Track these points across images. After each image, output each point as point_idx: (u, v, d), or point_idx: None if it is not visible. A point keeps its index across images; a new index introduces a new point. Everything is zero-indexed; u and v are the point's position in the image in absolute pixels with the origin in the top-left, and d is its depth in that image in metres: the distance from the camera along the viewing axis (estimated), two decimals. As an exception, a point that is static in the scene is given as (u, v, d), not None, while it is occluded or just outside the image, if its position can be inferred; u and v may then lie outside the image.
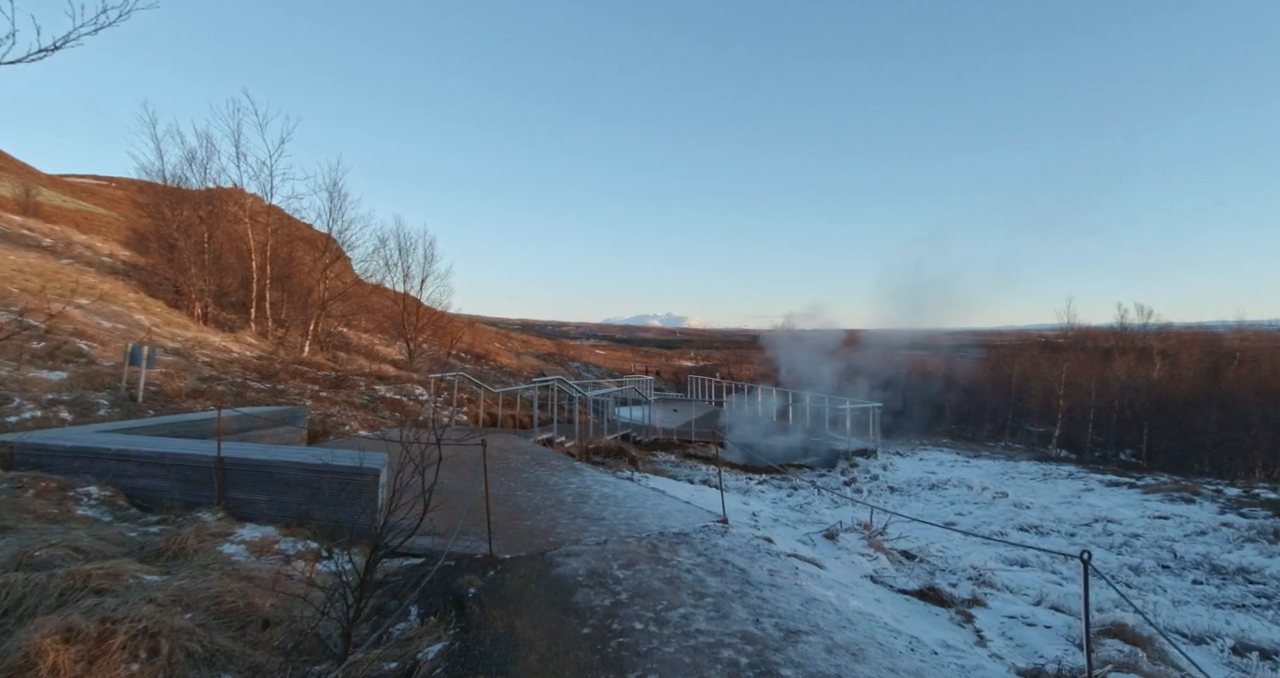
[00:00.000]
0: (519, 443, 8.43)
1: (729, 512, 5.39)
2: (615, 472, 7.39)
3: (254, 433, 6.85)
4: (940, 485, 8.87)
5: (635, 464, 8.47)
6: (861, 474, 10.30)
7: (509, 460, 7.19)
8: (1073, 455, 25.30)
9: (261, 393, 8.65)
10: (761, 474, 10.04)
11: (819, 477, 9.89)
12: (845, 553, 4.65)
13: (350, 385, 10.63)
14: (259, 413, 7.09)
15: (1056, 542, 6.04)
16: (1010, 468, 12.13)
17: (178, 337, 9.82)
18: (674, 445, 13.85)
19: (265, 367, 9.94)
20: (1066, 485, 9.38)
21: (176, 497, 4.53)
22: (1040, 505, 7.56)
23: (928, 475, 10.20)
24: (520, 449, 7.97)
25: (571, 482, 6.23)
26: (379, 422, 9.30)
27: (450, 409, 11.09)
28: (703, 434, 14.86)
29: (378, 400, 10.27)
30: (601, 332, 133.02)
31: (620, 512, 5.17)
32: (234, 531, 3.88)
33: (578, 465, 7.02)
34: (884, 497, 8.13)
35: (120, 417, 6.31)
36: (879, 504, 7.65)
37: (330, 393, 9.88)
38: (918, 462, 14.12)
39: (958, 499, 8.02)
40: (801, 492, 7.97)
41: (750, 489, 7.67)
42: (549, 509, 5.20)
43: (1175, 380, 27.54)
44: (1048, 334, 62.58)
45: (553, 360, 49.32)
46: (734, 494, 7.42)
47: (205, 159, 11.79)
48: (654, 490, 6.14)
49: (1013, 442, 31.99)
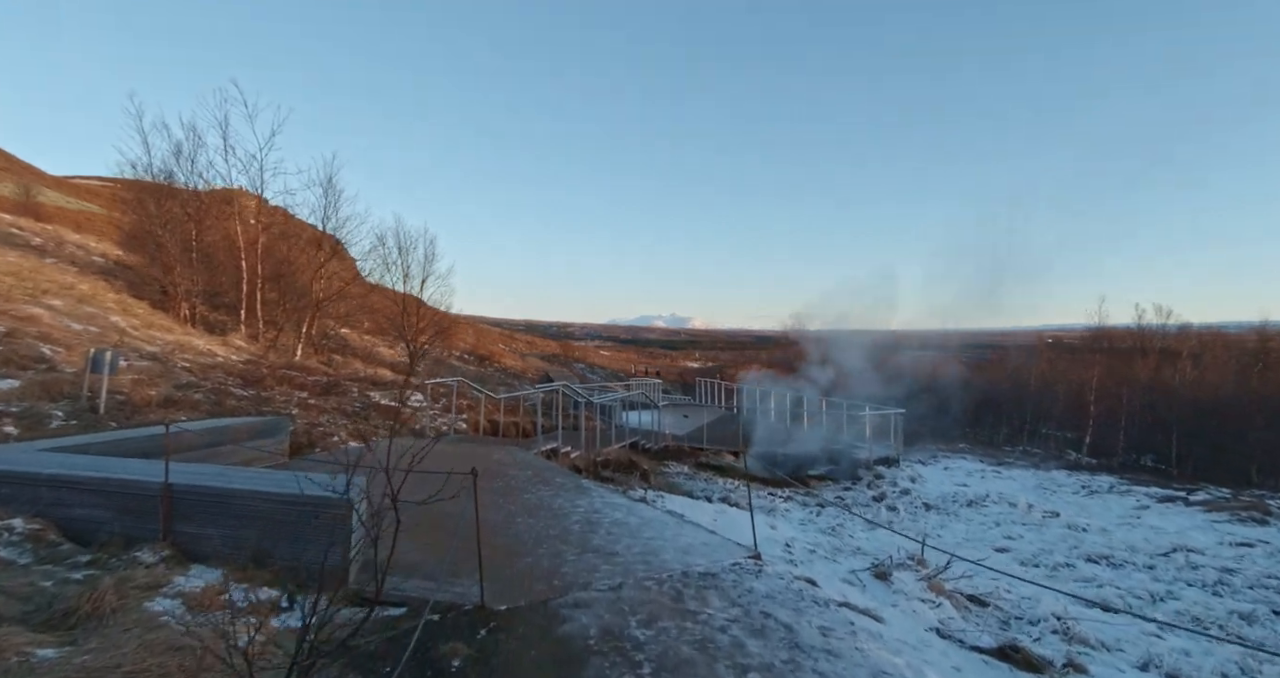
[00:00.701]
0: (520, 456, 7.75)
1: (759, 540, 4.70)
2: (626, 490, 6.70)
3: (227, 448, 6.20)
4: (979, 502, 8.15)
5: (647, 479, 7.78)
6: (889, 487, 9.58)
7: (509, 478, 6.51)
8: (1092, 460, 24.44)
9: (243, 401, 8.01)
10: (783, 488, 9.33)
11: (845, 491, 9.18)
12: (903, 598, 3.96)
13: (342, 392, 9.98)
14: (234, 425, 6.44)
15: (1137, 578, 5.31)
16: (1044, 479, 11.38)
17: (157, 340, 9.20)
18: (685, 454, 13.14)
19: (251, 372, 9.30)
20: (1117, 503, 8.64)
21: (117, 530, 3.87)
22: (1098, 527, 6.84)
23: (960, 489, 9.48)
24: (522, 463, 7.29)
25: (579, 504, 5.54)
26: (371, 431, 8.64)
27: (449, 416, 10.43)
28: (716, 441, 14.16)
29: (371, 408, 9.62)
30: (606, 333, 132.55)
31: (635, 544, 4.48)
32: (173, 578, 3.21)
33: (585, 484, 6.33)
34: (920, 516, 7.43)
35: (76, 430, 5.67)
36: (916, 526, 6.93)
37: (320, 400, 9.23)
38: (943, 471, 13.37)
39: (1003, 519, 7.29)
40: (830, 511, 7.26)
41: (775, 508, 6.97)
42: (553, 541, 4.51)
43: (1200, 383, 26.63)
44: (1058, 335, 61.60)
45: (557, 362, 48.72)
46: (759, 515, 6.72)
47: (193, 152, 11.21)
48: (672, 515, 5.44)
49: (1030, 446, 31.14)
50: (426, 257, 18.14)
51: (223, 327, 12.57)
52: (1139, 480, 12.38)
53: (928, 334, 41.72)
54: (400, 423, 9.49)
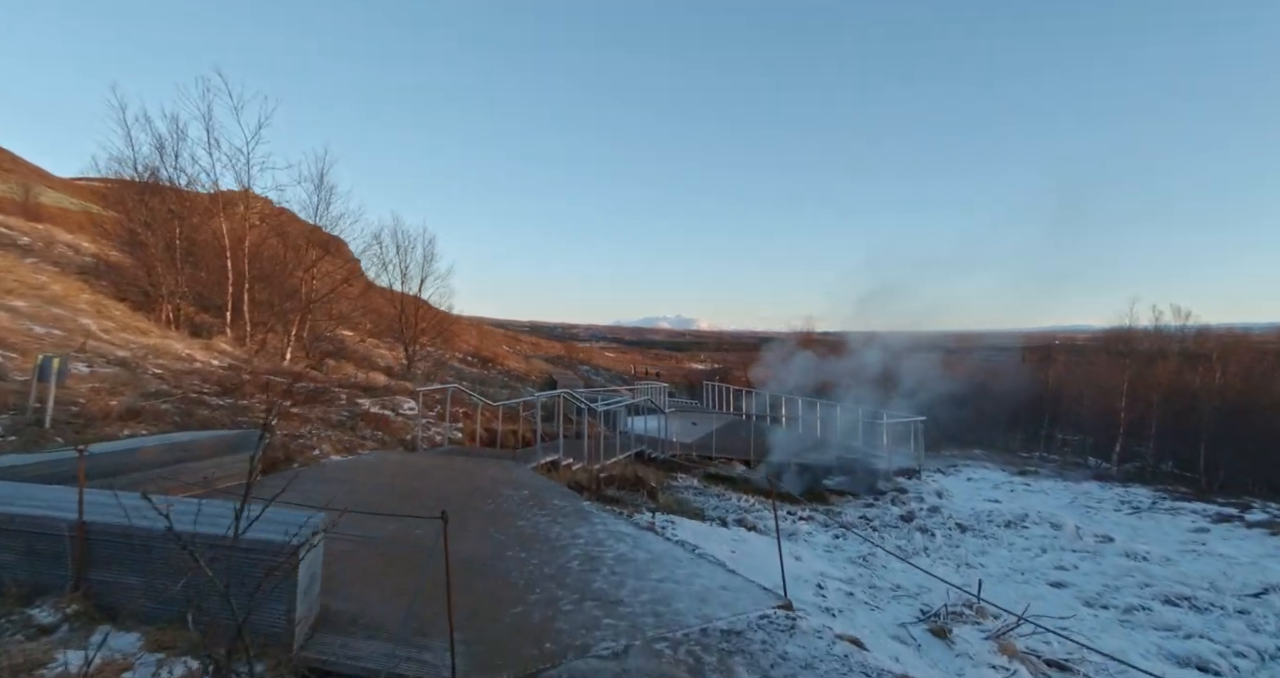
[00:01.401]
0: (516, 472, 7.09)
1: (787, 579, 4.02)
2: (632, 514, 6.02)
3: (188, 467, 5.57)
4: (1017, 523, 7.45)
5: (654, 497, 7.11)
6: (916, 504, 8.87)
7: (502, 499, 5.85)
8: (1107, 465, 23.57)
9: (217, 411, 7.39)
10: (801, 505, 8.64)
11: (868, 507, 8.48)
12: (969, 664, 3.28)
13: (329, 399, 9.36)
14: (198, 440, 5.82)
15: (1232, 627, 4.61)
16: (1078, 493, 10.65)
17: (130, 344, 8.61)
18: (694, 464, 12.46)
19: (230, 378, 8.69)
20: (1170, 524, 7.92)
21: (22, 577, 3.23)
22: (1160, 556, 6.13)
23: (993, 507, 8.78)
24: (517, 481, 6.63)
25: (579, 534, 4.87)
26: (357, 443, 8.01)
27: (444, 425, 9.78)
28: (725, 450, 13.46)
29: (359, 417, 8.98)
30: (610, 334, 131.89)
31: (643, 588, 3.81)
32: (56, 654, 2.56)
33: (586, 507, 5.66)
34: (955, 539, 6.73)
35: (16, 447, 5.06)
36: (954, 552, 6.22)
37: (303, 409, 8.61)
38: (966, 483, 12.63)
39: (1050, 544, 6.59)
40: (857, 533, 6.58)
41: (795, 532, 6.30)
42: (547, 584, 3.85)
43: (1225, 387, 25.73)
44: (1066, 336, 60.43)
45: (561, 364, 48.09)
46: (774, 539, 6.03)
47: (175, 146, 10.64)
48: (684, 548, 4.77)
49: (1047, 453, 30.27)
50: (425, 257, 17.59)
51: (210, 330, 11.99)
52: (1177, 493, 11.60)
53: (933, 336, 40.85)
54: (390, 434, 8.85)
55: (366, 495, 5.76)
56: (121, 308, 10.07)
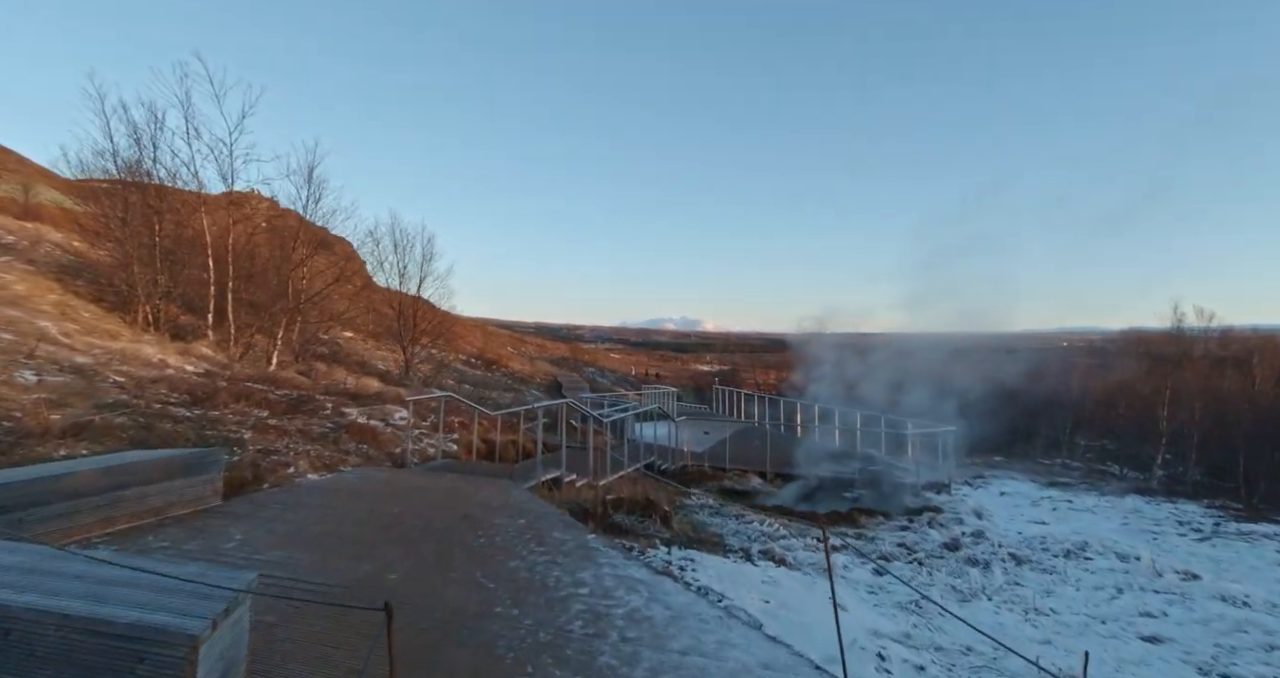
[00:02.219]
0: (513, 494, 6.31)
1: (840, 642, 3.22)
2: (645, 548, 5.23)
3: (133, 493, 4.82)
4: (1078, 552, 6.61)
5: (668, 522, 6.31)
6: (955, 525, 8.03)
7: (494, 531, 5.08)
8: (1136, 475, 22.60)
9: (182, 424, 6.66)
10: (827, 526, 7.81)
11: (903, 530, 7.66)
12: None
13: (312, 409, 8.62)
14: (147, 461, 5.06)
15: None
16: (1127, 512, 9.78)
17: (94, 349, 7.92)
18: (707, 477, 11.66)
19: (203, 386, 7.97)
20: (1250, 553, 7.05)
21: None
22: (1263, 601, 5.29)
23: (1041, 529, 7.95)
24: (514, 506, 5.85)
25: (582, 580, 4.09)
26: (339, 458, 7.26)
27: (437, 437, 9.02)
28: (740, 461, 12.65)
29: (344, 428, 8.24)
30: (616, 335, 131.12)
31: (664, 665, 3.01)
32: None
33: (590, 542, 4.87)
34: (1012, 573, 5.91)
35: (-74, 473, 4.31)
36: (1017, 592, 5.39)
37: (282, 420, 7.87)
38: (1000, 498, 11.77)
39: (1125, 582, 5.75)
40: (898, 566, 5.80)
41: (832, 566, 5.49)
42: (542, 658, 3.06)
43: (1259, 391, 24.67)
44: (1076, 338, 59.15)
45: (566, 366, 47.36)
46: (812, 575, 5.23)
47: (154, 134, 9.95)
48: (709, 600, 3.98)
49: (1069, 459, 29.22)
50: (424, 256, 16.90)
51: (194, 333, 11.30)
52: (1231, 511, 10.68)
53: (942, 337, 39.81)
54: (377, 447, 8.09)
55: (338, 525, 5.00)
56: (93, 309, 9.40)
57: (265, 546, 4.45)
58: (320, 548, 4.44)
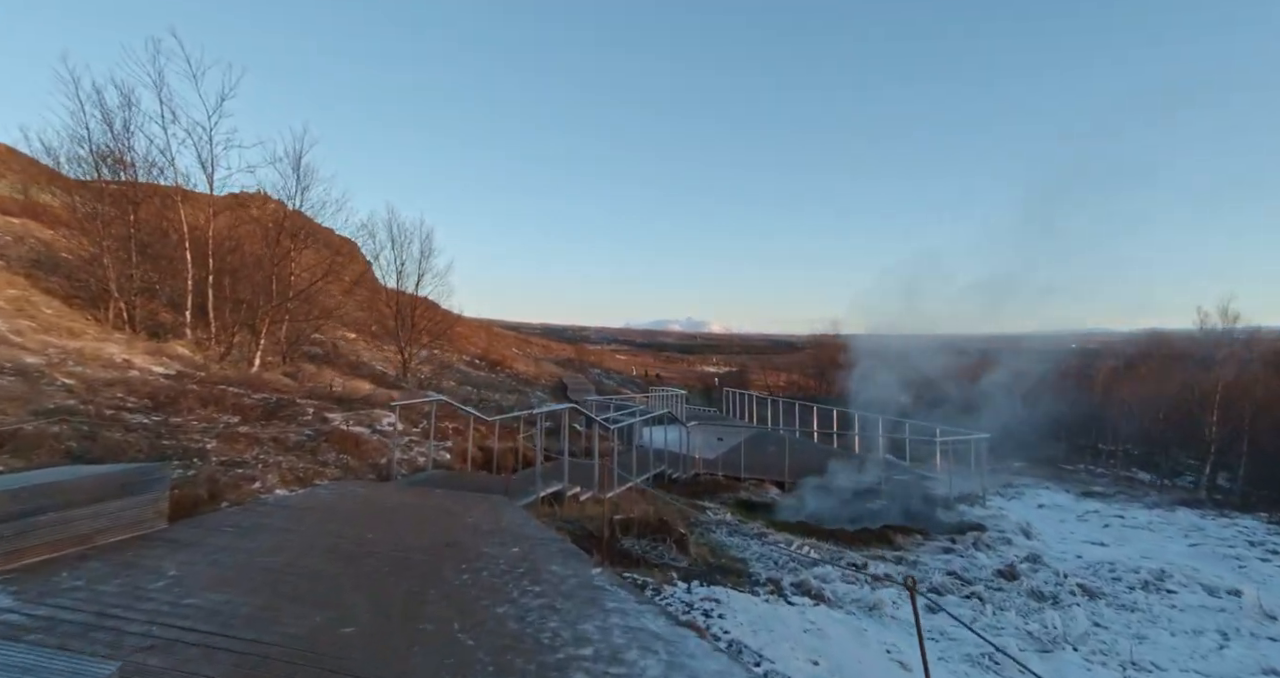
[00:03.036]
0: (508, 515, 5.51)
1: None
2: (660, 585, 4.42)
3: (57, 517, 4.05)
4: (1156, 584, 5.76)
5: (684, 547, 5.50)
6: (1001, 544, 7.18)
7: (482, 562, 4.28)
8: (1168, 481, 21.61)
9: (136, 433, 5.91)
10: (859, 547, 6.99)
11: (946, 553, 6.82)
12: None
13: (291, 414, 7.86)
14: (75, 480, 4.29)
15: None
16: (1188, 528, 8.89)
17: (50, 348, 7.21)
18: (722, 487, 10.85)
19: (169, 390, 7.22)
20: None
21: None
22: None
23: (1101, 551, 7.10)
24: (507, 529, 5.06)
25: (586, 635, 3.28)
26: (315, 471, 6.48)
27: (429, 444, 8.24)
28: (756, 469, 11.82)
29: (325, 435, 7.47)
30: (622, 336, 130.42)
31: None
32: None
33: (595, 578, 4.07)
34: (1086, 608, 5.07)
35: None
36: (1103, 636, 4.54)
37: (255, 427, 7.11)
38: (1038, 511, 10.88)
39: (1227, 624, 4.89)
40: (955, 603, 4.97)
41: (879, 604, 4.64)
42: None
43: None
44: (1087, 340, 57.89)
45: (571, 367, 46.68)
46: (859, 619, 4.40)
47: (127, 117, 9.24)
48: (746, 665, 3.17)
49: (1093, 466, 28.21)
50: (423, 252, 16.17)
51: (176, 331, 10.58)
52: None
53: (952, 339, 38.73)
54: (360, 457, 7.31)
55: (298, 556, 4.22)
56: (57, 306, 8.70)
57: (201, 585, 3.67)
58: (268, 589, 3.66)
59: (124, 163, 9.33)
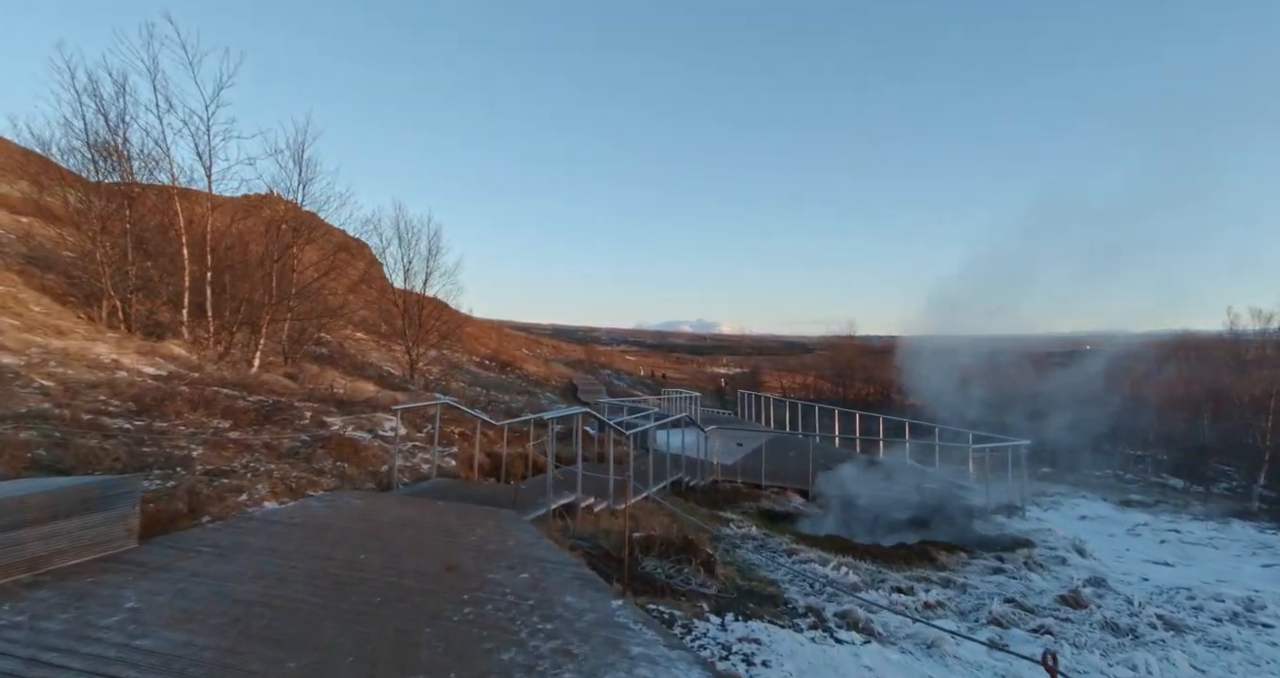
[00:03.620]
0: (516, 533, 4.98)
1: None
2: (689, 620, 3.86)
3: (5, 537, 3.57)
4: (1246, 615, 5.12)
5: (712, 569, 4.94)
6: (1054, 564, 6.56)
7: (485, 592, 3.75)
8: (1189, 486, 20.75)
9: (114, 440, 5.45)
10: (899, 566, 6.38)
11: (997, 572, 6.19)
12: None
13: (287, 418, 7.39)
14: (24, 494, 3.81)
15: None
16: (1253, 544, 8.19)
17: (32, 347, 6.80)
18: (742, 495, 10.26)
19: (157, 392, 6.78)
20: None
21: None
22: None
23: (1168, 573, 6.45)
24: (515, 550, 4.53)
25: (607, 693, 2.72)
26: (309, 480, 5.99)
27: (433, 450, 7.73)
28: (777, 476, 11.23)
29: (322, 441, 6.99)
30: (632, 337, 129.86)
31: None
32: None
33: (615, 614, 3.52)
34: (1172, 645, 4.46)
35: None
36: None
37: (247, 432, 6.64)
38: (1081, 523, 10.20)
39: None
40: (1022, 637, 4.36)
41: (939, 643, 4.06)
42: None
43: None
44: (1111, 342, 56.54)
45: (582, 368, 46.24)
46: (919, 660, 3.81)
47: (123, 107, 8.85)
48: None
49: (1121, 471, 27.24)
50: (430, 250, 15.74)
51: (176, 330, 10.18)
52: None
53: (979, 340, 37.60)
54: (358, 465, 6.82)
55: (277, 584, 3.71)
56: (46, 303, 8.33)
57: (161, 621, 3.17)
58: (237, 627, 3.14)
59: (119, 154, 8.95)
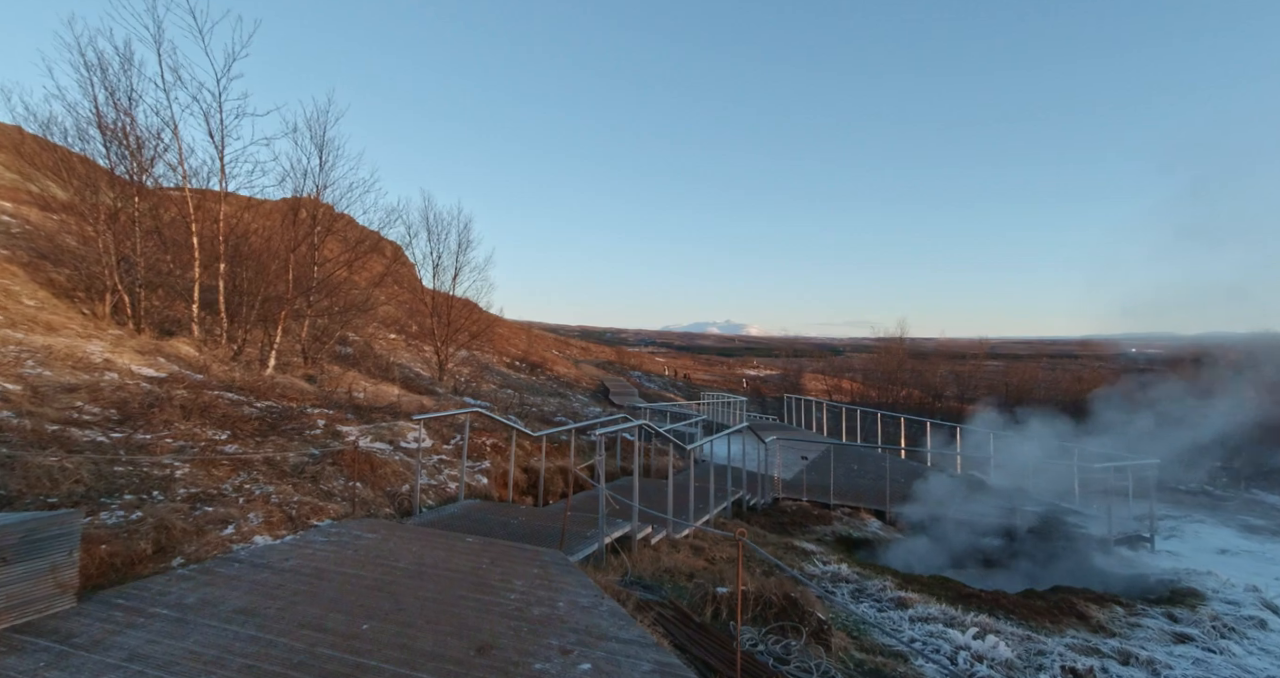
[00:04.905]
0: (563, 589, 3.81)
1: None
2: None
3: None
4: None
5: (826, 642, 3.69)
6: (1254, 628, 5.10)
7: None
8: None
9: (81, 454, 4.47)
10: (1037, 622, 5.02)
11: (1181, 641, 4.77)
12: None
13: (296, 428, 6.40)
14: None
15: None
16: None
17: (10, 343, 5.94)
18: (811, 517, 8.94)
19: (146, 397, 5.84)
20: None
21: None
22: None
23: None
24: (565, 618, 3.36)
25: None
26: (314, 506, 4.94)
27: (460, 466, 6.63)
28: (847, 493, 9.87)
29: (334, 456, 5.96)
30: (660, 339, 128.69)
31: None
32: None
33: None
34: None
35: None
36: None
37: (248, 445, 5.64)
38: (1224, 559, 8.59)
39: None
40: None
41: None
42: None
43: None
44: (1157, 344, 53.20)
45: (612, 369, 45.27)
46: None
47: (130, 84, 8.05)
48: None
49: (1210, 486, 24.80)
50: (460, 244, 14.81)
51: (189, 327, 9.37)
52: None
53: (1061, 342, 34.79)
54: (375, 485, 5.77)
55: (238, 674, 2.61)
56: (42, 296, 7.56)
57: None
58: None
59: (126, 134, 8.18)
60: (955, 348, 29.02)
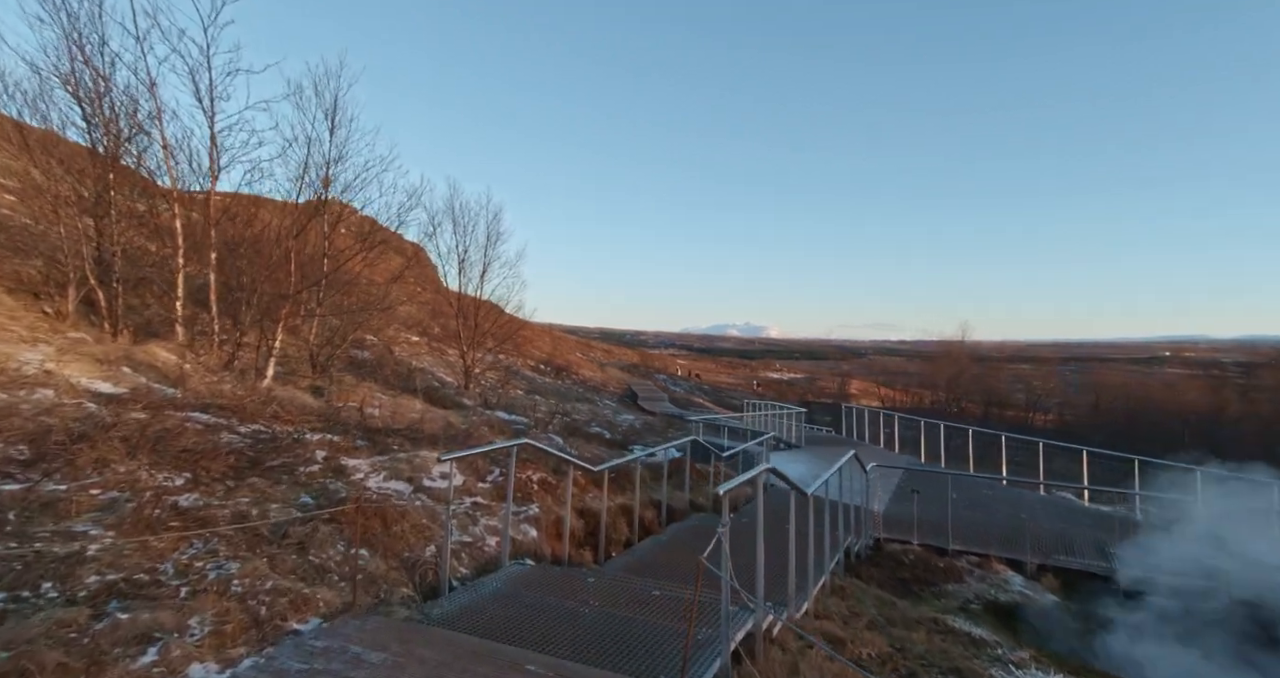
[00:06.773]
0: None
1: None
2: None
3: None
4: None
5: None
6: None
7: None
8: None
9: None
10: None
11: None
12: None
13: (287, 463, 4.79)
14: None
15: None
16: None
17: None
18: (934, 569, 7.09)
19: (83, 424, 4.29)
20: None
21: None
22: None
23: None
24: None
25: None
26: (295, 600, 3.30)
27: (504, 515, 4.92)
28: (969, 537, 7.96)
29: (333, 505, 4.32)
30: (680, 341, 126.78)
31: None
32: None
33: None
34: None
35: None
36: None
37: (212, 494, 4.04)
38: None
39: None
40: None
41: None
42: None
43: None
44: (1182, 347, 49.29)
45: (638, 372, 43.74)
46: None
47: (101, 36, 6.62)
48: None
49: None
50: (489, 237, 13.23)
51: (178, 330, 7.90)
52: None
53: None
54: (388, 550, 4.11)
55: None
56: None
57: None
58: None
59: (96, 95, 6.74)
60: (1017, 351, 26.65)
